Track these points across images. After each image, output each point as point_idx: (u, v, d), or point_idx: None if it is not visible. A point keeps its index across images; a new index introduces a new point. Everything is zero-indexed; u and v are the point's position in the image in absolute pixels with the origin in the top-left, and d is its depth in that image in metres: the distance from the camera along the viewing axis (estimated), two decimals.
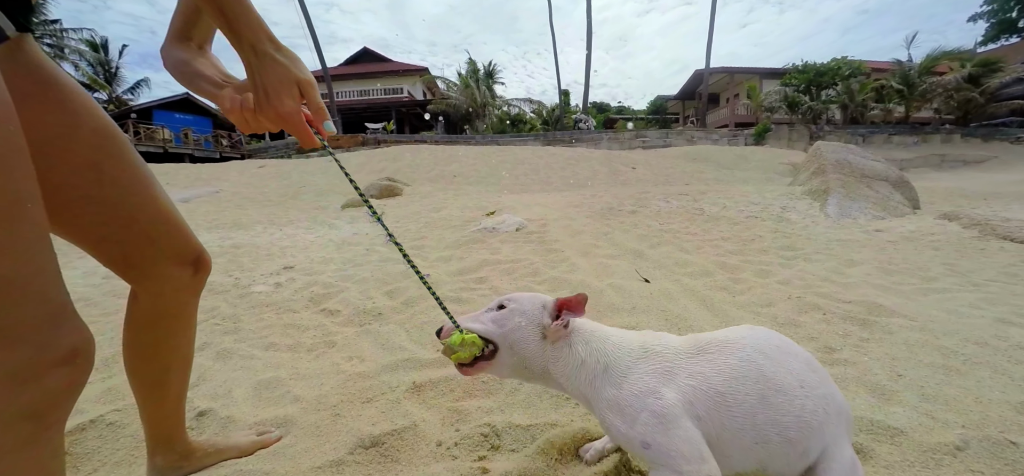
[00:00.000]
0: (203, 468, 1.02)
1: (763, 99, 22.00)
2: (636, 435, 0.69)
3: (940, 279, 2.41)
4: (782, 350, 0.76)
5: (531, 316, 0.80)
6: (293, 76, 0.62)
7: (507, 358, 0.80)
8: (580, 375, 0.78)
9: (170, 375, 0.93)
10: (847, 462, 0.73)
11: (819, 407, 0.73)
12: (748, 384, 0.71)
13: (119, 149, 0.77)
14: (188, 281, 0.87)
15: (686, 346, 0.78)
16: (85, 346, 0.50)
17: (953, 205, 5.50)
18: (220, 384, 1.43)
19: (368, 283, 2.37)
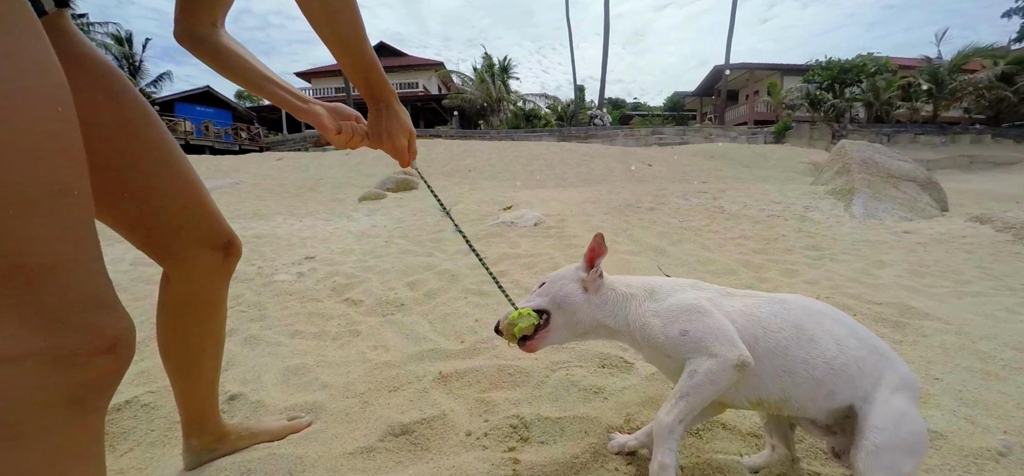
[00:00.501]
0: (236, 450, 1.04)
1: (784, 96, 21.52)
2: (674, 329, 0.80)
3: (974, 282, 2.33)
4: (827, 315, 0.83)
5: (570, 276, 0.92)
6: (408, 127, 0.90)
7: (560, 319, 0.90)
8: (629, 307, 0.88)
9: (203, 358, 0.95)
10: (893, 409, 0.74)
11: (851, 362, 0.77)
12: (785, 324, 0.80)
13: (153, 133, 0.78)
14: (219, 265, 0.88)
15: (734, 290, 0.89)
16: (127, 334, 0.50)
17: (984, 208, 5.32)
18: (249, 369, 1.46)
19: (389, 274, 2.39)
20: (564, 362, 1.34)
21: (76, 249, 0.45)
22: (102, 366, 0.47)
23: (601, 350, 1.40)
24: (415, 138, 0.93)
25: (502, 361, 1.37)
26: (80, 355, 0.45)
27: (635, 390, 1.19)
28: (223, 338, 1.00)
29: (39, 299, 0.42)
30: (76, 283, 0.45)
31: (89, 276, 0.47)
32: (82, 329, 0.45)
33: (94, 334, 0.46)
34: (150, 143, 0.77)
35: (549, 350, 1.44)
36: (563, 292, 0.90)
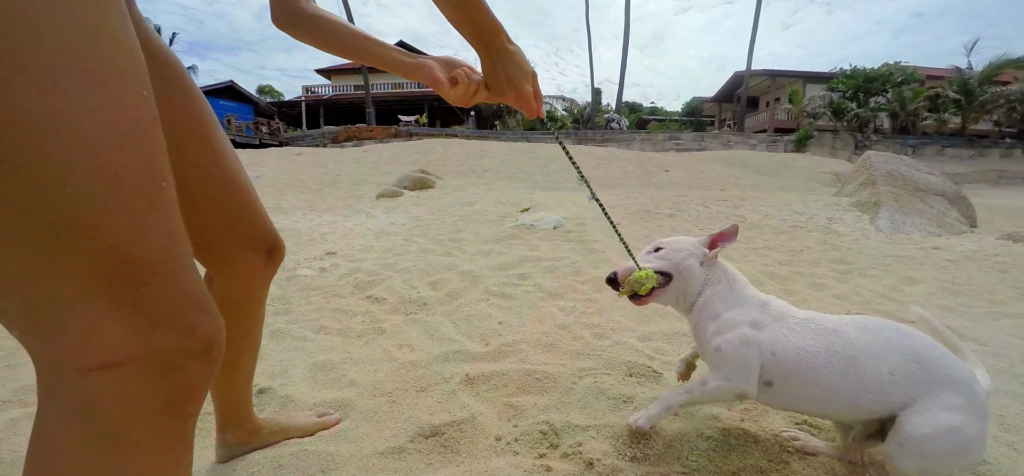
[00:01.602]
0: (268, 445, 1.06)
1: (806, 104, 21.11)
2: (714, 341, 0.91)
3: (1010, 303, 2.25)
4: (892, 344, 0.84)
5: (692, 249, 1.00)
6: (528, 69, 0.80)
7: (677, 284, 0.98)
8: (714, 287, 0.97)
9: (241, 358, 0.95)
10: (937, 423, 0.78)
11: (900, 392, 0.82)
12: (836, 358, 0.85)
13: (206, 130, 0.75)
14: (261, 268, 0.87)
15: (801, 314, 0.93)
16: (219, 335, 0.48)
17: (1016, 225, 5.14)
18: (277, 363, 1.48)
19: (411, 273, 2.41)
20: (591, 369, 1.33)
21: (170, 243, 0.43)
22: (198, 370, 0.45)
23: (628, 359, 1.38)
24: (537, 80, 0.83)
25: (528, 365, 1.36)
26: (178, 359, 0.43)
27: None
28: (260, 337, 1.00)
29: (138, 298, 0.40)
30: (172, 280, 0.43)
31: (184, 272, 0.44)
32: (179, 330, 0.43)
33: (190, 336, 0.44)
34: (206, 140, 0.75)
35: (576, 356, 1.44)
36: (686, 262, 0.97)
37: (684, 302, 1.00)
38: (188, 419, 0.48)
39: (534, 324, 1.69)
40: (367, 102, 21.87)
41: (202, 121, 0.76)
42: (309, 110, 26.88)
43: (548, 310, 1.82)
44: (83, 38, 0.37)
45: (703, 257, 0.98)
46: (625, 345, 1.49)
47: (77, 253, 0.37)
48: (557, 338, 1.56)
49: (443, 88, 0.81)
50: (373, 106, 22.70)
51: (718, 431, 1.05)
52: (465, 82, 0.81)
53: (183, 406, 0.46)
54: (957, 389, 0.80)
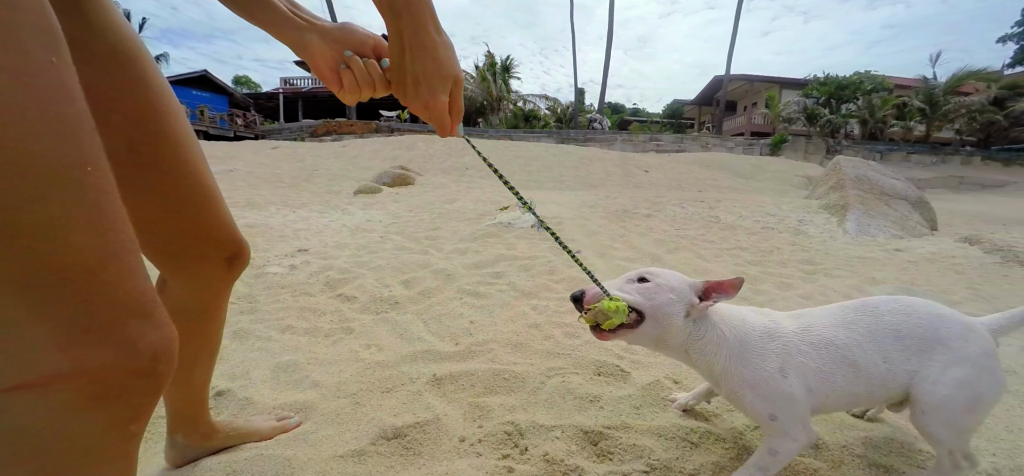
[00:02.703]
0: (223, 449, 1.02)
1: (782, 109, 21.71)
2: (766, 409, 0.82)
3: (964, 303, 2.35)
4: (871, 333, 0.85)
5: (680, 293, 0.84)
6: (451, 72, 0.61)
7: (650, 329, 0.84)
8: (718, 352, 0.85)
9: (197, 364, 0.90)
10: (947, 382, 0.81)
11: (901, 371, 0.84)
12: (842, 367, 0.84)
13: (164, 123, 0.67)
14: (222, 275, 0.81)
15: (795, 327, 0.88)
16: (168, 346, 0.42)
17: (973, 229, 5.39)
18: (238, 364, 1.43)
19: (384, 271, 2.37)
20: (560, 369, 1.33)
21: (102, 240, 0.36)
22: (142, 388, 0.40)
23: (597, 358, 1.39)
24: (461, 90, 0.64)
25: (497, 365, 1.35)
26: (116, 376, 0.38)
27: (631, 400, 1.18)
28: (219, 341, 0.95)
29: (63, 307, 0.34)
30: (106, 285, 0.37)
31: (122, 275, 0.38)
32: (116, 344, 0.37)
33: (130, 350, 0.38)
34: (164, 134, 0.66)
35: (545, 356, 1.43)
36: (666, 309, 0.82)
37: (662, 350, 0.89)
38: (131, 438, 0.43)
39: (505, 323, 1.68)
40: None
41: (160, 112, 0.66)
42: (287, 103, 26.22)
43: (520, 309, 1.81)
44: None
45: (690, 307, 0.83)
46: (595, 344, 1.49)
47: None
48: (528, 337, 1.55)
49: (332, 84, 0.66)
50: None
51: (681, 430, 1.06)
52: (356, 75, 0.64)
53: (126, 425, 0.41)
54: (947, 346, 0.82)
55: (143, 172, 0.66)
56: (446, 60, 0.60)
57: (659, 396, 1.20)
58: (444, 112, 0.63)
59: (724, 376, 0.85)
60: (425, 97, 0.60)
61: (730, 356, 0.84)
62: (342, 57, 0.64)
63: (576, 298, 0.84)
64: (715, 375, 0.87)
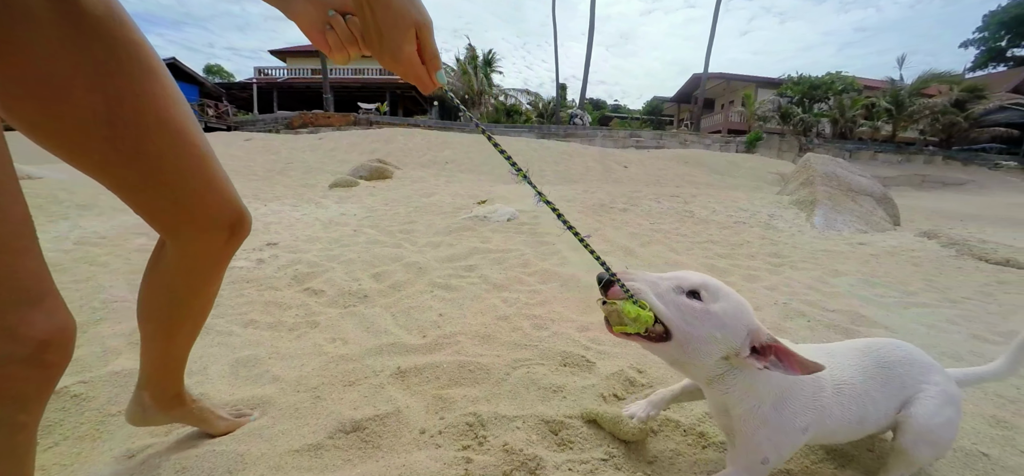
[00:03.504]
0: (181, 422, 0.98)
1: (757, 108, 22.23)
2: (766, 454, 0.76)
3: (920, 294, 2.45)
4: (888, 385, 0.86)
5: (730, 334, 0.69)
6: (411, 18, 0.57)
7: (673, 353, 0.70)
8: (746, 401, 0.75)
9: (182, 328, 0.87)
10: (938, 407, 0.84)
11: (895, 402, 0.86)
12: (852, 423, 0.84)
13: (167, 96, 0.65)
14: (221, 245, 0.78)
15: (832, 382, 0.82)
16: (59, 335, 0.40)
17: (932, 224, 5.64)
18: (195, 360, 1.38)
19: (355, 264, 2.32)
20: (526, 360, 1.33)
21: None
22: (26, 377, 0.38)
23: (564, 349, 1.39)
24: (430, 34, 0.60)
25: (463, 357, 1.34)
26: None
27: (595, 389, 1.18)
28: (207, 312, 0.90)
29: None
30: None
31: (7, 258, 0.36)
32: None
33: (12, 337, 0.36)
34: (142, 100, 0.64)
35: (512, 347, 1.43)
36: (702, 345, 0.69)
37: (676, 369, 0.78)
38: (20, 431, 0.40)
39: (475, 316, 1.67)
40: (325, 87, 20.95)
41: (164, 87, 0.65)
42: (261, 93, 25.46)
43: (491, 302, 1.81)
44: None
45: (735, 355, 0.70)
46: (563, 335, 1.50)
47: None
48: (496, 329, 1.55)
49: (321, 45, 0.64)
50: (331, 92, 21.78)
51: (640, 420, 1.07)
52: (338, 33, 0.61)
53: (11, 417, 0.39)
54: (931, 376, 0.87)
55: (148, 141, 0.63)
56: (401, 7, 0.57)
57: (623, 387, 1.21)
58: (414, 62, 0.59)
59: (745, 422, 0.76)
60: (392, 50, 0.58)
61: (759, 407, 0.74)
62: (325, 17, 0.62)
63: (604, 283, 0.70)
64: (730, 414, 0.78)
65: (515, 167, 0.69)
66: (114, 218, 3.54)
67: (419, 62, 0.60)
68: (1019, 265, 3.28)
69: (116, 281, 2.06)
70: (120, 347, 1.44)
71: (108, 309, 1.74)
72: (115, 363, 1.34)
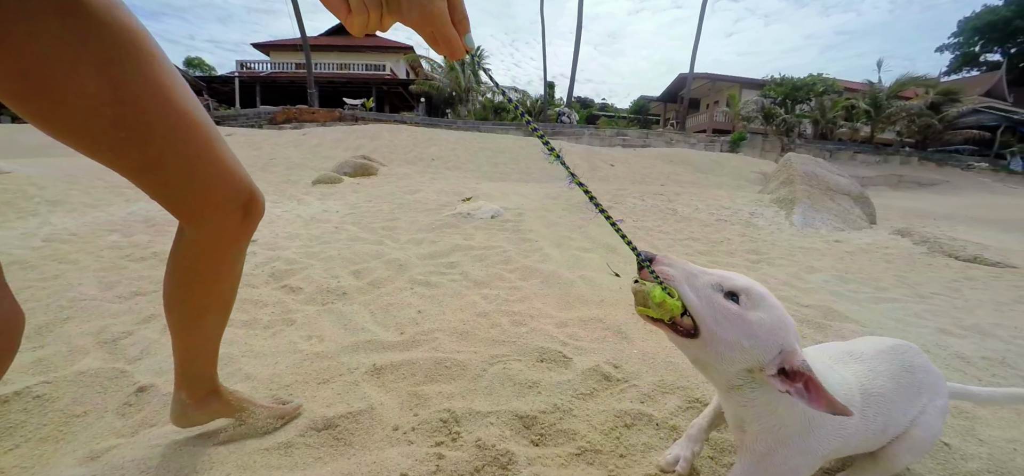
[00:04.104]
0: (222, 417, 0.98)
1: (741, 108, 22.57)
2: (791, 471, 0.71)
3: (891, 289, 2.53)
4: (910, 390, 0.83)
5: (758, 346, 0.63)
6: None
7: (698, 352, 0.66)
8: (768, 425, 0.69)
9: (206, 315, 0.87)
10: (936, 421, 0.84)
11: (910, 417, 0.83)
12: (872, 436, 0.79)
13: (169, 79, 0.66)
14: (235, 225, 0.78)
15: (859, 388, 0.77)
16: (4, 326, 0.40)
17: (907, 222, 5.80)
18: (165, 358, 1.35)
19: (334, 261, 2.30)
20: (503, 356, 1.33)
21: None
22: None
23: (541, 344, 1.40)
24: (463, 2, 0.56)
25: (440, 354, 1.34)
26: None
27: (570, 385, 1.19)
28: (232, 299, 0.90)
29: None
30: None
31: None
32: None
33: None
34: (166, 87, 0.65)
35: (490, 343, 1.43)
36: (726, 350, 0.64)
37: (701, 371, 0.73)
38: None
39: (454, 312, 1.66)
40: (309, 82, 20.61)
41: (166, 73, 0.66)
42: (244, 87, 24.93)
43: (471, 298, 1.80)
44: None
45: (759, 369, 0.65)
46: (540, 331, 1.50)
47: None
48: (474, 326, 1.54)
49: (340, 12, 0.58)
50: (316, 87, 21.46)
51: (615, 413, 1.08)
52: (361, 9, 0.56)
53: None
54: (941, 387, 0.87)
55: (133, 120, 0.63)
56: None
57: (597, 383, 1.22)
58: (445, 19, 0.52)
59: (756, 435, 0.71)
60: (422, 6, 0.51)
61: (786, 437, 0.69)
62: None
63: (644, 260, 0.66)
64: (744, 429, 0.73)
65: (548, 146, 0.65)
66: (86, 214, 3.44)
67: (449, 20, 0.53)
68: (986, 262, 3.40)
69: (86, 279, 2.00)
70: (87, 346, 1.41)
71: (76, 307, 1.69)
72: (81, 363, 1.30)
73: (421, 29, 0.54)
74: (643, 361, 1.34)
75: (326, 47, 25.63)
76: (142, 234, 2.84)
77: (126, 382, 1.22)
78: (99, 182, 5.16)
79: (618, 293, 1.91)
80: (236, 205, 0.77)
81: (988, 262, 3.39)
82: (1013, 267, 3.28)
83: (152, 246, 2.54)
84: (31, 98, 0.55)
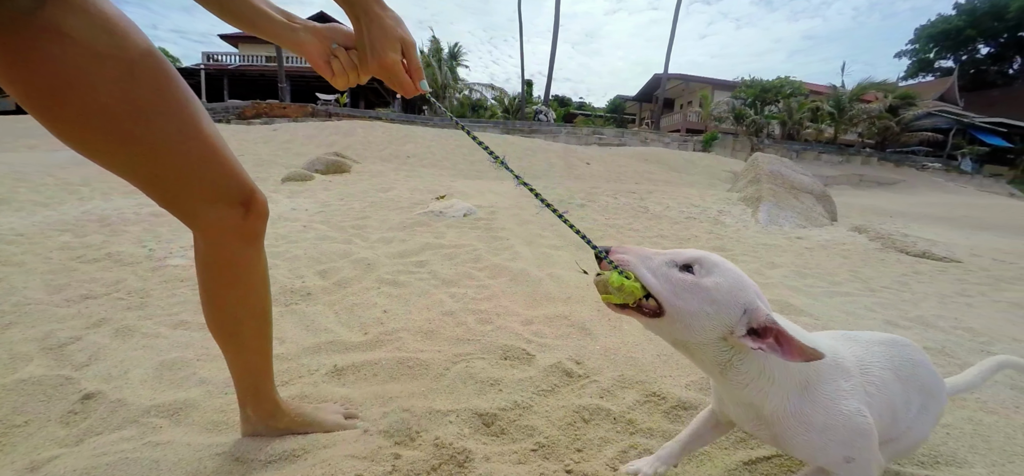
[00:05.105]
0: (289, 432, 0.97)
1: (713, 109, 23.17)
2: (840, 452, 0.68)
3: (844, 284, 2.65)
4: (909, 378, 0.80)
5: (721, 310, 0.63)
6: (397, 34, 0.72)
7: (669, 330, 0.66)
8: (765, 392, 0.68)
9: (243, 327, 0.88)
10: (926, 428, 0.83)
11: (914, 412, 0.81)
12: (889, 413, 0.76)
13: (167, 81, 0.69)
14: (238, 224, 0.79)
15: (856, 362, 0.76)
16: None
17: (864, 220, 6.09)
18: (115, 364, 1.30)
19: (300, 261, 2.25)
20: (467, 355, 1.34)
21: None
22: None
23: (505, 343, 1.41)
24: (414, 51, 0.75)
25: (403, 353, 1.34)
26: None
27: (532, 382, 1.21)
28: (265, 306, 0.91)
29: None
30: None
31: None
32: None
33: None
34: (164, 92, 0.69)
35: (454, 342, 1.43)
36: (693, 321, 0.64)
37: (691, 360, 0.71)
38: None
39: (420, 312, 1.66)
40: (280, 76, 20.02)
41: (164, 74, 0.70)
42: (210, 81, 24.00)
43: (438, 297, 1.80)
44: None
45: (730, 333, 0.64)
46: (506, 329, 1.52)
47: None
48: (440, 325, 1.54)
49: (325, 73, 0.78)
50: (288, 81, 20.86)
51: (574, 408, 1.10)
52: (342, 62, 0.76)
53: None
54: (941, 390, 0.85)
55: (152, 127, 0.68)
56: (391, 26, 0.71)
57: (558, 378, 1.24)
58: (397, 69, 0.73)
59: (778, 420, 0.69)
60: (379, 57, 0.71)
61: (785, 398, 0.68)
62: (330, 50, 0.77)
63: (601, 252, 0.68)
64: (763, 417, 0.70)
65: (493, 155, 0.80)
66: (35, 214, 3.26)
67: (401, 68, 0.74)
68: (933, 257, 3.61)
69: (32, 282, 1.90)
70: (31, 353, 1.34)
71: (19, 312, 1.61)
72: (24, 370, 1.24)
73: (379, 75, 0.74)
74: (605, 357, 1.38)
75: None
76: (96, 235, 2.71)
77: (71, 389, 1.17)
78: (50, 179, 4.90)
79: (585, 290, 1.94)
80: (235, 199, 0.78)
81: (935, 257, 3.60)
82: (958, 262, 3.50)
83: (106, 247, 2.43)
84: (52, 109, 0.62)
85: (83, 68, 0.61)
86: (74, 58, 0.60)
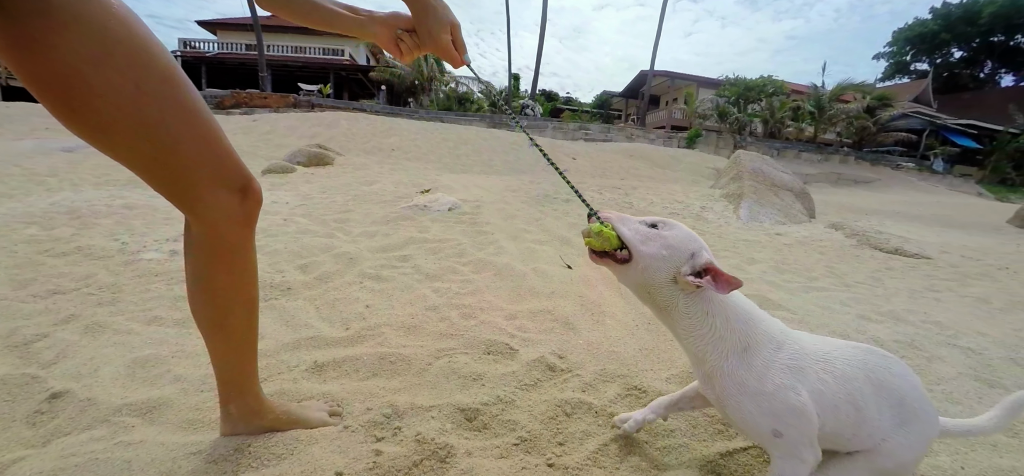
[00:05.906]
0: (273, 430, 0.96)
1: (698, 106, 23.44)
2: (769, 424, 0.74)
3: (820, 279, 2.72)
4: (883, 385, 0.79)
5: (674, 253, 0.76)
6: (448, 20, 0.90)
7: (634, 274, 0.78)
8: (708, 341, 0.77)
9: (231, 317, 0.88)
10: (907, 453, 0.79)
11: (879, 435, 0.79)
12: (850, 409, 0.77)
13: (164, 65, 0.71)
14: (236, 209, 0.80)
15: (815, 351, 0.79)
16: None
17: (841, 217, 6.25)
18: (85, 361, 1.26)
19: (280, 255, 2.21)
20: (449, 350, 1.33)
21: None
22: None
23: (488, 337, 1.41)
24: (460, 31, 0.92)
25: (385, 349, 1.32)
26: None
27: (515, 376, 1.21)
28: (254, 295, 0.91)
29: None
30: None
31: None
32: None
33: None
34: (161, 74, 0.69)
35: (437, 337, 1.43)
36: (652, 262, 0.76)
37: (654, 312, 0.82)
38: None
39: (403, 306, 1.65)
40: (261, 65, 19.50)
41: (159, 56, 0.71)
42: (188, 69, 23.03)
43: (421, 292, 1.79)
44: None
45: (677, 274, 0.75)
46: (489, 324, 1.52)
47: None
48: (423, 320, 1.54)
49: (395, 53, 0.94)
50: (269, 70, 20.34)
51: (556, 402, 1.11)
52: (408, 44, 0.93)
53: None
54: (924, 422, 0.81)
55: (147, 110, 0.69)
56: (442, 12, 0.89)
57: (542, 373, 1.25)
58: (449, 46, 0.91)
59: (716, 375, 0.77)
60: (436, 39, 0.90)
61: (725, 354, 0.76)
62: (396, 34, 0.93)
63: (592, 211, 0.85)
64: (705, 370, 0.79)
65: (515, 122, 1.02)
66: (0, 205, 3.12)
67: (452, 47, 0.92)
68: (905, 253, 3.73)
69: None
70: None
71: None
72: None
73: (435, 51, 0.92)
74: (587, 351, 1.39)
75: (280, 28, 24.24)
76: (65, 227, 2.61)
77: (38, 388, 1.13)
78: (16, 169, 4.70)
79: (569, 285, 1.95)
80: (232, 185, 0.80)
81: (907, 254, 3.72)
82: (928, 258, 3.62)
83: (75, 240, 2.35)
84: (61, 98, 0.64)
85: (92, 58, 0.62)
86: (83, 47, 0.62)
